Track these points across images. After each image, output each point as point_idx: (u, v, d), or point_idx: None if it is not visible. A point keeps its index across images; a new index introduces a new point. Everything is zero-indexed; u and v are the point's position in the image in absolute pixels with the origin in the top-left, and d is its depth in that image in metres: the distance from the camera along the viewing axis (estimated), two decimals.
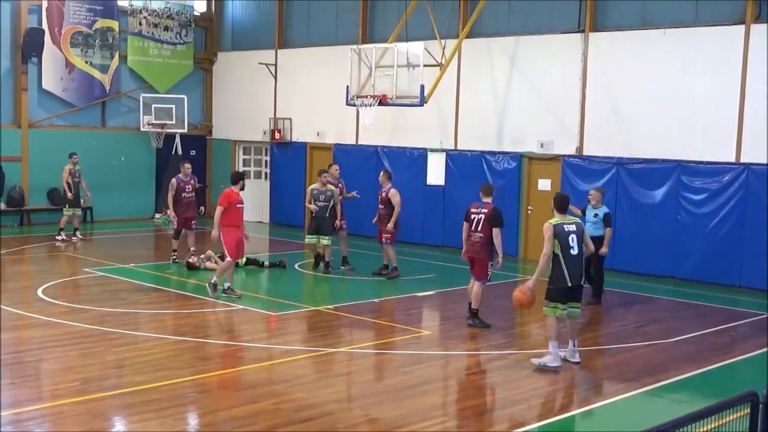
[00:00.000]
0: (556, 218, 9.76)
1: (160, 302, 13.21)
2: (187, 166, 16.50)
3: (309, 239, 15.58)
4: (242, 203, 13.32)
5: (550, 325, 9.70)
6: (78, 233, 19.11)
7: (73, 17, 21.93)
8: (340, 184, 15.95)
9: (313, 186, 15.77)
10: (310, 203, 15.47)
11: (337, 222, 15.50)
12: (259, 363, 9.77)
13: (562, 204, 9.91)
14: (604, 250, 13.13)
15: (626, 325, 12.48)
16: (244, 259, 16.01)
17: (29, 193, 21.40)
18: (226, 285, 13.05)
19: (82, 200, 19.18)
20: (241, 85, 24.34)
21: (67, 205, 18.80)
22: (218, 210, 13.08)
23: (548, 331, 9.75)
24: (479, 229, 11.59)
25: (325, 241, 15.35)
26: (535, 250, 15.17)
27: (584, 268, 10.18)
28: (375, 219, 15.56)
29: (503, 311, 12.50)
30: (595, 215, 13.37)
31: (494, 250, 11.58)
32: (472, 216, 11.74)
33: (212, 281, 13.26)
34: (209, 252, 15.94)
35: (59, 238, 18.63)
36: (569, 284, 9.64)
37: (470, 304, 11.81)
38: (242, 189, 13.37)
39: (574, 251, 9.64)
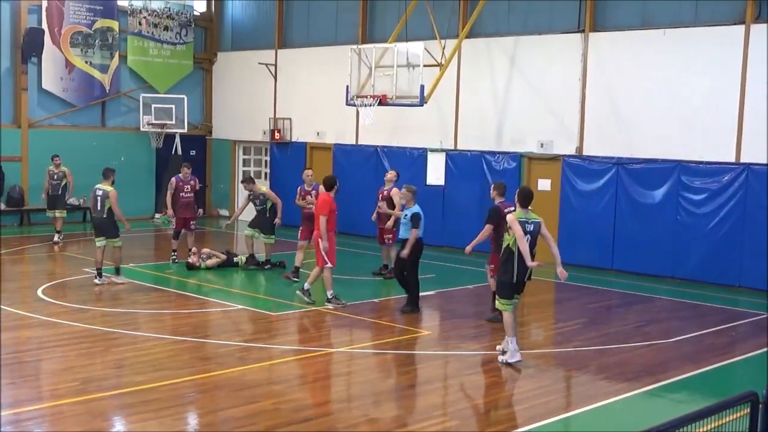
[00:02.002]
0: (519, 213, 9.77)
1: (160, 302, 13.21)
2: (187, 170, 16.53)
3: (246, 231, 16.22)
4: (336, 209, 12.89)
5: (508, 321, 9.91)
6: (56, 236, 18.47)
7: (72, 17, 21.93)
8: (313, 191, 15.06)
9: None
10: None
11: (276, 220, 15.91)
12: (259, 363, 9.75)
13: (525, 199, 9.86)
14: (404, 252, 12.39)
15: (626, 325, 12.48)
16: (244, 259, 16.04)
17: (29, 193, 21.38)
18: (330, 294, 12.75)
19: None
20: (241, 85, 24.33)
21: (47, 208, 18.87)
22: (322, 219, 12.34)
23: (506, 328, 9.94)
24: None
25: (263, 238, 15.86)
26: None
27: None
28: (374, 216, 15.68)
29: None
30: (405, 216, 12.70)
31: None
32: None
33: (305, 288, 12.82)
34: (207, 249, 16.00)
35: (57, 239, 18.64)
36: (514, 280, 9.81)
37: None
38: (337, 192, 12.86)
39: None
